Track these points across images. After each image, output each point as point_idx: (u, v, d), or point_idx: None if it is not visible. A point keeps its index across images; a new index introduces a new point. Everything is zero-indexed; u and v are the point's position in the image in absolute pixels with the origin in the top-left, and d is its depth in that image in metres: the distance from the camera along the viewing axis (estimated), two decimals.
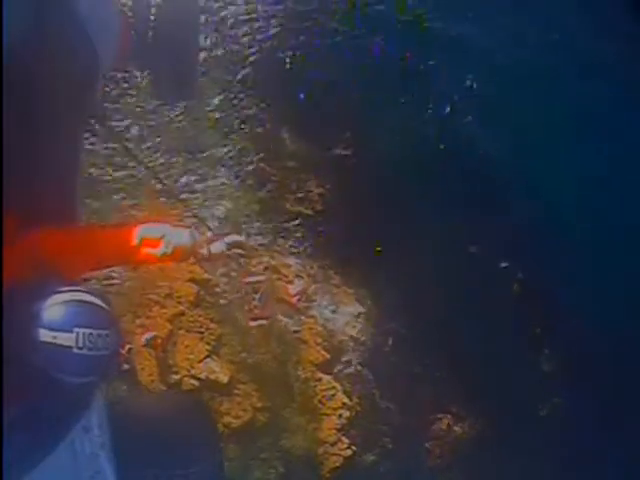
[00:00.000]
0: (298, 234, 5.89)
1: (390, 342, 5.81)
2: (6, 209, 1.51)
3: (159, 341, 5.11)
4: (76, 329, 1.52)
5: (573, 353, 6.08)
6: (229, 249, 2.73)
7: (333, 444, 5.33)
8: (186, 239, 2.47)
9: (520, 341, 6.10)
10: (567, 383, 5.99)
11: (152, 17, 2.01)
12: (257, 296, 5.49)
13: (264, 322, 5.41)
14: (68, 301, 1.55)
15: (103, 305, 1.65)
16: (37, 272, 1.58)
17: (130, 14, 1.89)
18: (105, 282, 4.97)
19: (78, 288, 1.60)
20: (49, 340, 1.49)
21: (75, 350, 1.51)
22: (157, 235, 2.33)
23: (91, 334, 1.54)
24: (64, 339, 1.50)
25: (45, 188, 1.67)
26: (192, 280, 5.38)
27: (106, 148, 5.26)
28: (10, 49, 1.43)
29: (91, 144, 4.98)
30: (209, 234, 2.78)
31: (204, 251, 2.58)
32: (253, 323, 5.40)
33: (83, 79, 1.70)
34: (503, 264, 6.21)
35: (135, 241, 2.23)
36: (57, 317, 1.53)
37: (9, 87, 1.44)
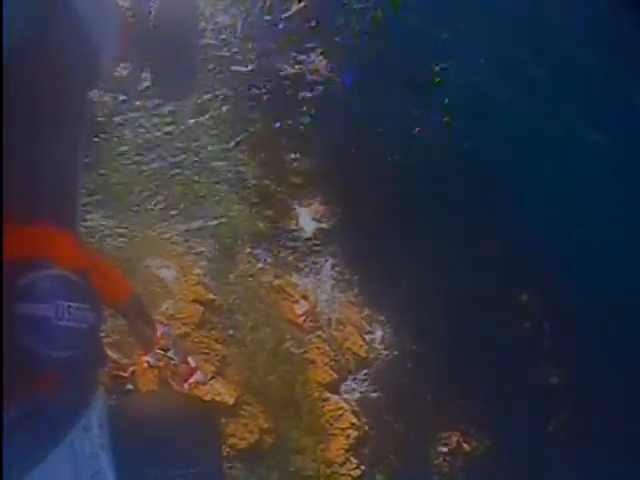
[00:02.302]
0: (303, 252, 5.92)
1: (398, 361, 5.81)
2: (6, 208, 1.55)
3: (163, 363, 5.11)
4: (56, 301, 1.56)
5: (582, 367, 6.06)
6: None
7: (342, 464, 5.31)
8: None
9: (528, 356, 6.09)
10: (576, 398, 5.97)
11: (152, 17, 2.07)
12: (170, 353, 5.13)
13: (201, 379, 5.30)
14: (46, 275, 1.58)
15: (81, 280, 1.67)
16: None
17: (130, 14, 1.95)
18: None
19: (56, 265, 1.63)
20: (28, 311, 1.52)
21: (54, 321, 1.54)
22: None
23: (70, 306, 1.58)
24: (44, 310, 1.54)
25: (45, 188, 1.71)
26: (196, 301, 5.40)
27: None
28: (10, 49, 1.47)
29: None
30: None
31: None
32: (187, 385, 5.18)
33: (83, 79, 1.75)
34: (511, 278, 6.22)
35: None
36: (37, 289, 1.56)
37: (9, 87, 1.48)
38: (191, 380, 5.15)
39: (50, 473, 1.66)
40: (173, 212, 5.57)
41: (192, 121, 5.80)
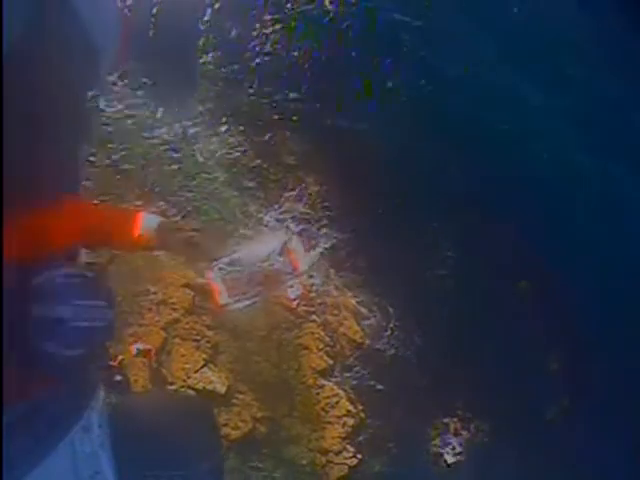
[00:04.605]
0: (297, 234, 5.92)
1: (394, 346, 5.87)
2: (6, 206, 1.59)
3: (153, 350, 5.14)
4: (71, 301, 1.61)
5: (580, 355, 6.17)
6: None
7: (338, 453, 5.39)
8: (152, 223, 2.56)
9: (527, 343, 6.17)
10: (574, 385, 6.07)
11: (152, 17, 2.10)
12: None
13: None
14: (63, 274, 1.63)
15: (96, 277, 1.73)
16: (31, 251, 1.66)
17: (131, 15, 1.98)
18: None
19: (73, 262, 1.68)
20: (43, 313, 1.58)
21: (70, 322, 1.60)
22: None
23: (85, 305, 1.63)
24: (59, 311, 1.59)
25: (46, 189, 1.75)
26: (187, 285, 5.41)
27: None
28: (10, 49, 1.51)
29: None
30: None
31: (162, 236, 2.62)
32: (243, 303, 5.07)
33: (83, 78, 1.78)
34: (510, 266, 6.30)
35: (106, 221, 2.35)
36: (53, 291, 1.61)
37: (9, 87, 1.51)
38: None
39: (50, 473, 1.71)
40: (163, 193, 5.57)
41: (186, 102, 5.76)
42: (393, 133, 6.36)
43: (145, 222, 2.54)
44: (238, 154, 5.88)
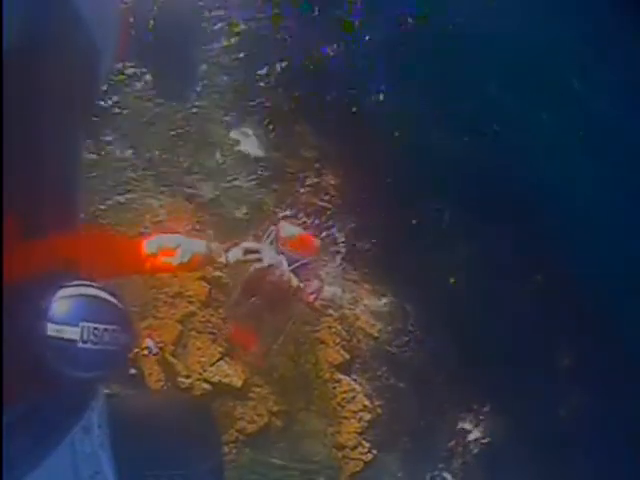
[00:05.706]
0: (314, 228, 5.92)
1: (411, 340, 5.86)
2: (6, 211, 1.60)
3: (168, 344, 5.17)
4: (82, 323, 1.63)
5: (593, 351, 6.13)
6: (245, 254, 2.98)
7: (353, 448, 5.41)
8: (202, 249, 2.83)
9: (540, 338, 6.14)
10: (587, 382, 6.04)
11: (153, 16, 2.10)
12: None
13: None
14: (75, 295, 1.65)
15: (113, 300, 1.74)
16: (53, 273, 1.68)
17: (130, 14, 1.99)
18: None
19: (88, 283, 1.69)
20: (54, 334, 1.60)
21: (80, 344, 1.62)
22: (173, 245, 2.69)
23: (97, 328, 1.64)
24: (69, 333, 1.61)
25: (46, 189, 1.76)
26: (203, 278, 5.42)
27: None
28: (10, 48, 1.52)
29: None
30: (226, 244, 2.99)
31: (222, 259, 2.86)
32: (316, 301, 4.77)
33: (84, 78, 1.79)
34: (523, 263, 6.26)
35: (151, 250, 2.46)
36: (63, 310, 1.63)
37: (9, 86, 1.52)
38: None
39: (50, 473, 1.73)
40: (176, 185, 5.58)
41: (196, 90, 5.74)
42: (406, 134, 6.32)
43: (194, 248, 2.71)
44: (255, 146, 5.88)
